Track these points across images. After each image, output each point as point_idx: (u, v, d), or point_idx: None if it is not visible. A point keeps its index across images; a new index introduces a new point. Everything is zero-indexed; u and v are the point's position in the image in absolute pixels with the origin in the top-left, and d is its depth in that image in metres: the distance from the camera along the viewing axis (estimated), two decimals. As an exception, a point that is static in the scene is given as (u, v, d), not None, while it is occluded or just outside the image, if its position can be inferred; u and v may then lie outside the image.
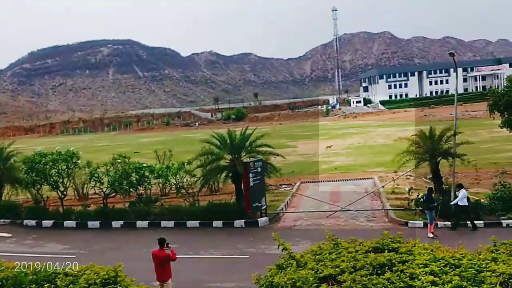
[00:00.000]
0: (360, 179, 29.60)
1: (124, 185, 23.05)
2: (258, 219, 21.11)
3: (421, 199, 20.35)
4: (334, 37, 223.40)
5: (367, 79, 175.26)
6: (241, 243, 18.45)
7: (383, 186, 25.32)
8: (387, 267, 5.05)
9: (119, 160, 24.48)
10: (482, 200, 20.18)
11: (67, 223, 22.65)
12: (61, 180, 24.01)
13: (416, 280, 4.66)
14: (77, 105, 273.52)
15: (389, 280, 4.71)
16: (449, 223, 18.50)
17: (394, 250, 5.48)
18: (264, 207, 21.70)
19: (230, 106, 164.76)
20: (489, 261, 5.06)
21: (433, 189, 19.78)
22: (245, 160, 21.63)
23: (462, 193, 18.26)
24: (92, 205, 25.01)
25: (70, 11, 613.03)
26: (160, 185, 25.97)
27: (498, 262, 5.07)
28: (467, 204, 18.32)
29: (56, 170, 23.75)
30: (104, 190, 23.62)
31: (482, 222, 18.60)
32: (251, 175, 20.68)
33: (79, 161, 24.69)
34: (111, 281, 6.42)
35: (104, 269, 6.76)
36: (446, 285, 4.41)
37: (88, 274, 6.55)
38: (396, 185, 25.06)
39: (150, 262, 12.14)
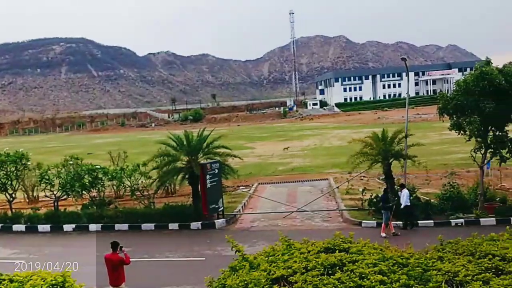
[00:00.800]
0: (316, 180, 30.00)
1: (76, 187, 22.38)
2: (215, 221, 21.01)
3: (374, 200, 20.85)
4: (291, 40, 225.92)
5: (323, 82, 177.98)
6: (198, 245, 18.30)
7: (338, 187, 25.76)
8: (337, 267, 5.09)
9: (71, 162, 23.83)
10: (432, 200, 20.81)
11: (16, 227, 21.83)
12: (9, 182, 23.08)
13: (365, 279, 4.71)
14: (27, 104, 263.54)
15: (339, 280, 4.75)
16: (400, 222, 18.99)
17: (345, 250, 5.55)
18: (221, 208, 21.63)
19: (188, 107, 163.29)
20: (435, 260, 5.21)
21: (387, 189, 20.25)
22: (202, 162, 21.49)
23: (404, 192, 18.74)
24: (42, 208, 24.18)
25: (20, 7, 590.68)
26: (114, 187, 25.40)
27: (444, 261, 5.21)
28: (409, 204, 18.71)
29: (4, 172, 22.84)
30: (55, 192, 22.87)
31: (432, 221, 19.18)
32: (208, 176, 20.56)
33: (28, 163, 23.86)
34: (58, 287, 6.20)
35: (51, 274, 6.52)
36: (394, 284, 4.50)
37: (35, 280, 6.30)
38: (351, 185, 25.57)
39: (103, 266, 11.84)
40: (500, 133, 19.66)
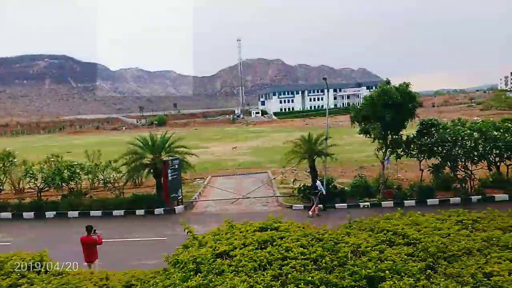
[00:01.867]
0: (258, 173, 30.02)
1: (57, 180, 21.26)
2: (175, 207, 20.58)
3: (302, 187, 21.19)
4: (239, 62, 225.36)
5: (264, 95, 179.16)
6: (161, 227, 17.84)
7: (274, 178, 25.97)
8: (269, 242, 5.11)
9: (53, 159, 22.63)
10: (346, 188, 21.40)
11: (3, 215, 20.41)
12: (-3, 176, 21.59)
13: (290, 252, 4.76)
14: (15, 111, 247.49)
15: (270, 253, 4.77)
16: (321, 205, 19.38)
17: (275, 229, 5.57)
18: (180, 197, 21.23)
19: (153, 114, 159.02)
20: (344, 235, 5.31)
21: (317, 179, 20.55)
22: (164, 159, 21.00)
23: (318, 182, 19.19)
24: (27, 198, 22.74)
25: (7, 26, 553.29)
26: (90, 180, 24.27)
27: (350, 236, 5.33)
28: (320, 191, 18.97)
29: (-7, 168, 21.33)
30: (39, 185, 21.61)
31: (345, 204, 19.72)
32: (169, 171, 20.12)
33: (15, 160, 22.39)
34: (36, 265, 5.83)
35: (30, 254, 6.13)
36: (312, 254, 4.56)
37: (15, 260, 5.89)
38: (284, 177, 25.85)
39: (79, 247, 11.32)
40: (396, 136, 20.52)
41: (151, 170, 21.08)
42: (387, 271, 4.02)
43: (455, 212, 6.29)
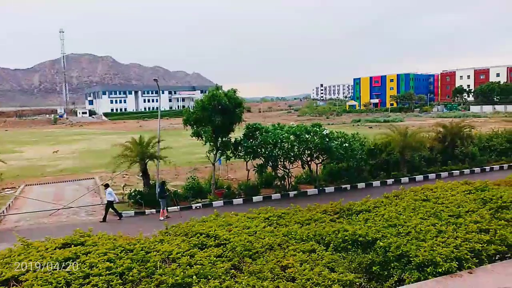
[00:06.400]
0: (84, 179, 27.58)
1: None
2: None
3: (134, 193, 20.31)
4: (62, 55, 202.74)
5: (92, 94, 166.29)
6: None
7: (102, 184, 24.16)
8: (71, 260, 4.61)
9: None
10: (178, 190, 21.43)
11: None
12: None
13: (94, 268, 4.35)
14: None
15: (70, 272, 4.26)
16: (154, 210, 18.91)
17: (81, 244, 5.09)
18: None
19: None
20: (157, 243, 5.18)
21: (165, 182, 19.94)
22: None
23: (107, 191, 18.24)
24: None
25: None
26: None
27: (164, 243, 5.19)
28: (111, 200, 18.20)
29: None
30: None
31: (178, 207, 19.68)
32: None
33: None
34: None
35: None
36: (118, 268, 4.30)
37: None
38: (114, 182, 24.28)
39: None
40: (225, 139, 21.64)
41: None
42: (194, 276, 4.09)
43: (264, 209, 6.91)
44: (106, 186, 18.78)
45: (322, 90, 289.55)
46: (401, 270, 4.37)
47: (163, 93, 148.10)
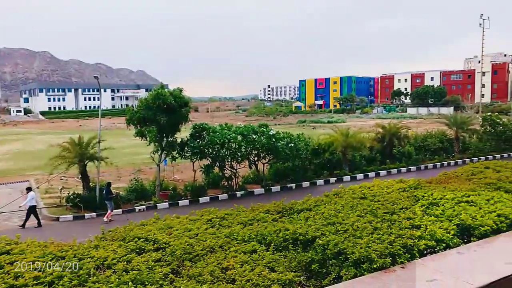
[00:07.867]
0: (17, 182, 25.84)
1: None
2: None
3: (72, 196, 19.36)
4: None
5: (27, 91, 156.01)
6: None
7: (38, 187, 22.74)
8: None
9: None
10: (121, 193, 20.70)
11: None
12: None
13: (20, 278, 4.10)
14: None
15: None
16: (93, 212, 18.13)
17: (7, 253, 4.73)
18: None
19: None
20: (92, 249, 4.97)
21: (110, 183, 19.08)
22: None
23: (29, 195, 17.42)
24: None
25: None
26: None
27: (99, 248, 4.99)
28: (35, 204, 17.44)
29: None
30: None
31: (121, 210, 19.04)
32: None
33: None
34: None
35: None
36: (48, 277, 4.03)
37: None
38: (50, 185, 22.98)
39: None
40: (171, 139, 21.25)
41: None
42: (130, 283, 3.97)
43: (207, 211, 6.87)
44: (29, 189, 17.63)
45: (269, 91, 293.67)
46: (339, 267, 4.53)
47: (105, 91, 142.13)
